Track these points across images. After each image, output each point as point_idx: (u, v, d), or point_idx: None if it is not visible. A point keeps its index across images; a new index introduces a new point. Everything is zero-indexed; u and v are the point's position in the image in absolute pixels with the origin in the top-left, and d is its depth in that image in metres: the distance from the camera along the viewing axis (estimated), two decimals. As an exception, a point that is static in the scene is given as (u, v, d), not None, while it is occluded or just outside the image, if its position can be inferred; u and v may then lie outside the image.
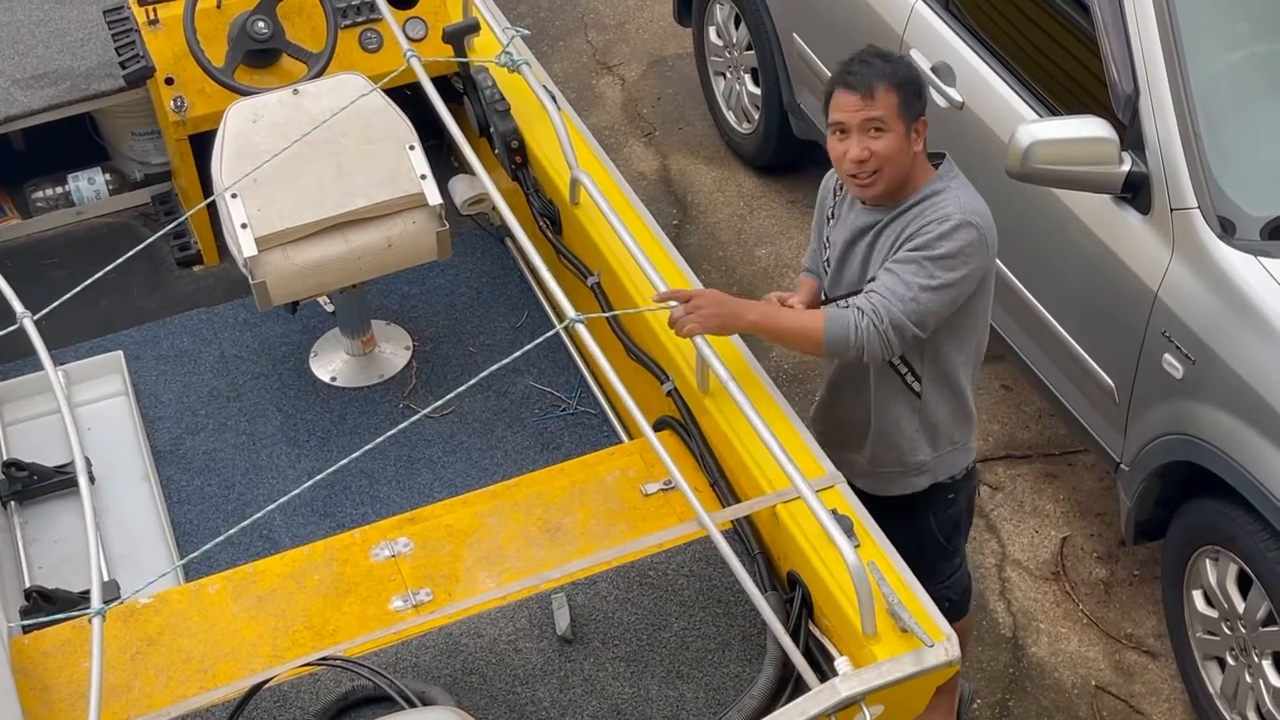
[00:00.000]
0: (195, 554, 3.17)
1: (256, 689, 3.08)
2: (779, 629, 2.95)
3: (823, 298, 3.53)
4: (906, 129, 3.25)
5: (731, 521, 3.37)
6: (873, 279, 3.31)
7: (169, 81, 4.71)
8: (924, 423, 3.47)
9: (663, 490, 3.59)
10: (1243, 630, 3.87)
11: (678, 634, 3.25)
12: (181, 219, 4.84)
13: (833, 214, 3.49)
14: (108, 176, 5.29)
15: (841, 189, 3.47)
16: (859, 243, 3.38)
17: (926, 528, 3.60)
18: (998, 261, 4.45)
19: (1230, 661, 3.96)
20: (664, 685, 3.17)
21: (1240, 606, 3.86)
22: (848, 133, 3.26)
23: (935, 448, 3.51)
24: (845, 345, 3.25)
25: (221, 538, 3.08)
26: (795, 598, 3.17)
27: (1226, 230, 3.76)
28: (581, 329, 3.25)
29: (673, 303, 3.35)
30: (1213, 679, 4.06)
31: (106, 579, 3.78)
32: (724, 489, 3.48)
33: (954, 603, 3.72)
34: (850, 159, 3.26)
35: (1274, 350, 3.60)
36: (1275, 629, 3.73)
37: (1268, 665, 3.80)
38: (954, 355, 3.41)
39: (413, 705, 2.97)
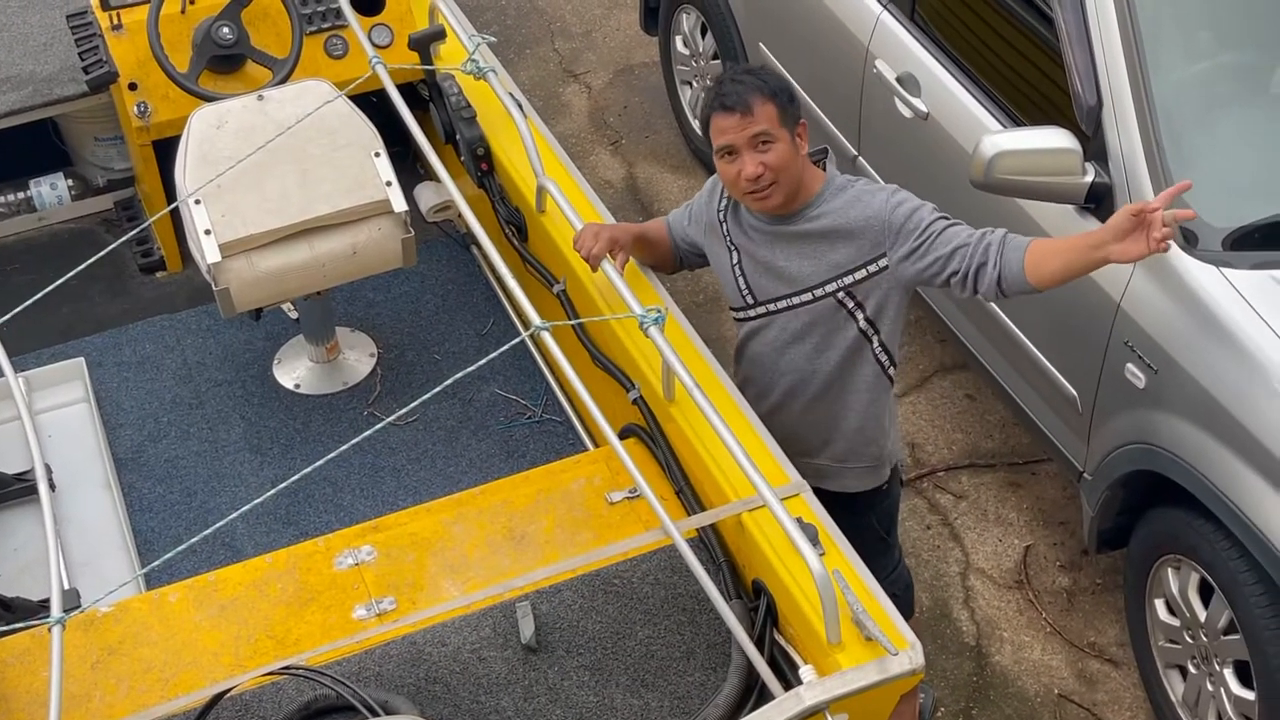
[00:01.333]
0: (157, 562, 3.15)
1: (218, 698, 3.05)
2: (743, 637, 2.95)
3: (749, 305, 3.57)
4: (791, 135, 3.34)
5: (697, 530, 3.37)
6: (819, 285, 3.39)
7: (132, 87, 4.69)
8: (890, 410, 3.61)
9: (628, 498, 3.58)
10: (1204, 639, 3.89)
11: (642, 642, 3.25)
12: (144, 225, 4.82)
13: (723, 218, 3.56)
14: (70, 182, 5.26)
15: (724, 213, 3.55)
16: (773, 251, 3.45)
17: (867, 525, 3.65)
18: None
19: (1192, 670, 3.99)
20: (628, 694, 3.16)
21: (1202, 615, 3.88)
22: (736, 153, 3.34)
23: (890, 436, 3.65)
24: (1020, 272, 3.32)
25: (183, 546, 3.05)
26: (760, 606, 3.17)
27: (1189, 241, 3.79)
28: (547, 337, 3.25)
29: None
30: (1175, 687, 4.08)
31: (67, 587, 3.73)
32: (689, 497, 3.47)
33: (898, 598, 3.73)
34: (745, 177, 3.34)
35: (1235, 360, 3.62)
36: (1236, 637, 3.75)
37: (1229, 673, 3.83)
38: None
39: (376, 714, 2.95)
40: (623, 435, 3.63)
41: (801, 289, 3.44)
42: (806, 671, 2.94)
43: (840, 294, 3.42)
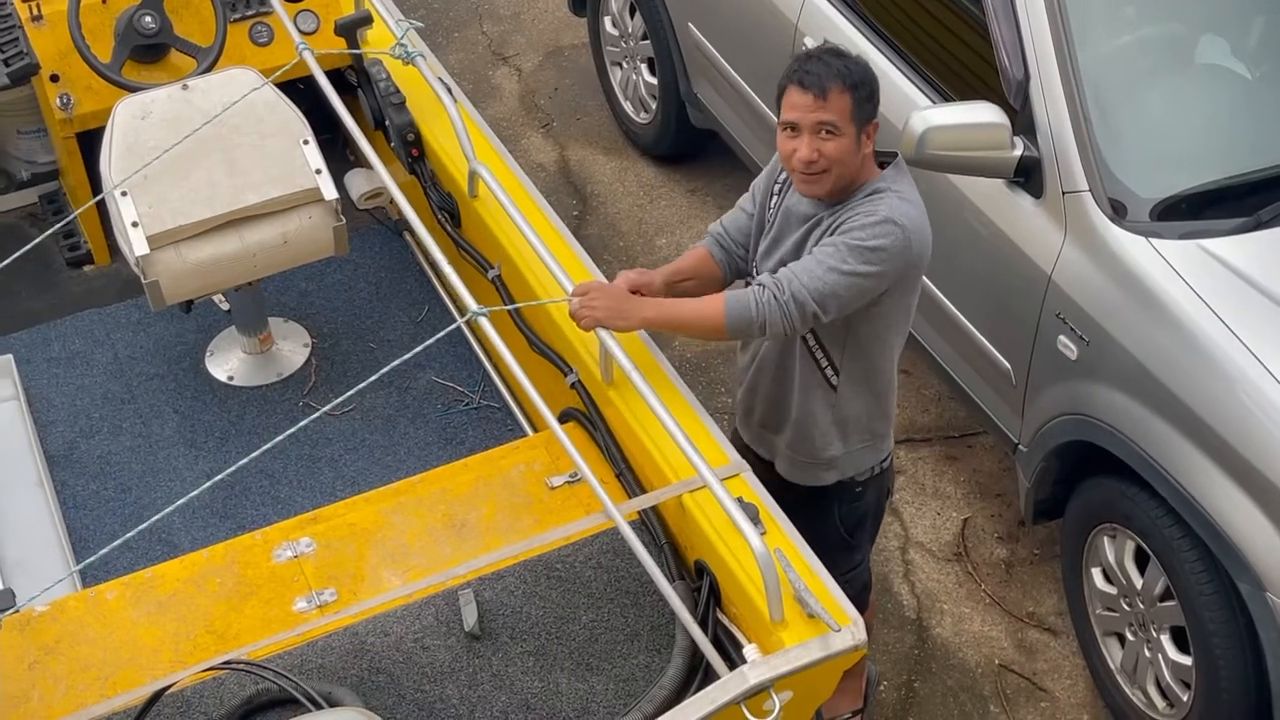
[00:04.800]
0: (92, 559, 3.11)
1: (158, 695, 3.03)
2: (687, 618, 2.96)
3: (754, 271, 3.52)
4: (858, 132, 3.23)
5: (638, 512, 3.37)
6: None
7: (54, 78, 4.62)
8: (836, 417, 3.48)
9: (568, 483, 3.58)
10: (1141, 606, 3.94)
11: (586, 626, 3.25)
12: (70, 218, 4.75)
13: (780, 191, 3.46)
14: (-8, 176, 5.18)
15: (780, 185, 3.46)
16: (796, 229, 3.38)
17: (830, 520, 3.62)
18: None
19: (1130, 637, 4.04)
20: (573, 678, 3.16)
21: (1138, 583, 3.93)
22: (798, 132, 3.23)
23: (846, 444, 3.52)
24: (748, 321, 3.23)
25: (118, 542, 3.02)
26: (703, 586, 3.17)
27: (1117, 212, 3.82)
28: (484, 322, 3.23)
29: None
30: (1113, 655, 4.13)
31: (1, 588, 3.70)
32: (630, 480, 3.47)
33: (854, 597, 3.73)
34: (799, 159, 3.23)
35: (1165, 330, 3.66)
36: (1172, 604, 3.80)
37: (1166, 639, 3.88)
38: (877, 356, 3.43)
39: (319, 707, 2.94)
40: (562, 420, 3.62)
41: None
42: (750, 650, 2.95)
43: None
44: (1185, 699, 3.84)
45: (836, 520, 3.64)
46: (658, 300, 3.38)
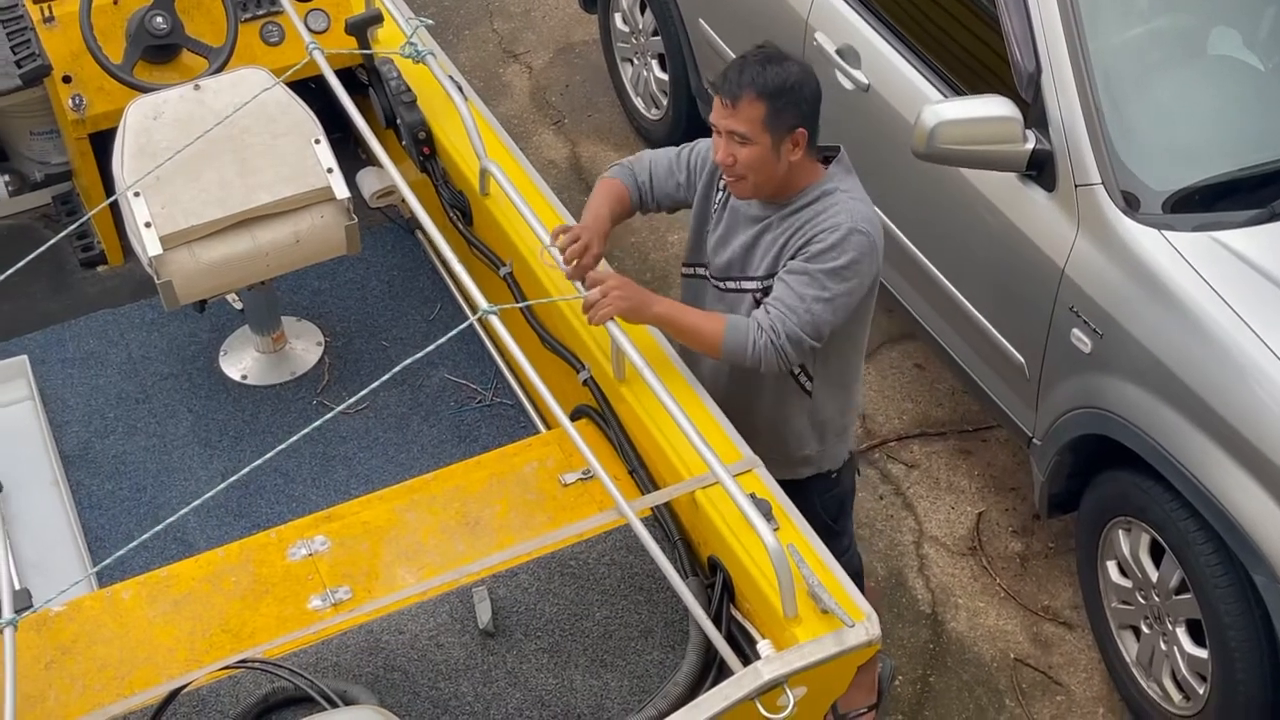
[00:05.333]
0: (108, 560, 3.12)
1: (174, 694, 3.04)
2: (700, 614, 2.96)
3: (703, 268, 3.54)
4: (774, 141, 3.24)
5: (651, 509, 3.37)
6: (765, 278, 3.36)
7: (66, 79, 4.63)
8: (813, 420, 3.56)
9: (581, 480, 3.58)
10: (1156, 599, 3.93)
11: (600, 623, 3.25)
12: (84, 219, 4.76)
13: (723, 186, 3.48)
14: (6, 178, 5.19)
15: (724, 182, 3.49)
16: (743, 232, 3.42)
17: (812, 511, 3.63)
18: (907, 241, 4.52)
19: (1145, 630, 4.03)
20: (587, 675, 3.16)
21: (1154, 575, 3.92)
22: (719, 134, 3.30)
23: (822, 442, 3.61)
24: (742, 356, 3.30)
25: (135, 543, 3.03)
26: (716, 583, 3.17)
27: (1130, 205, 3.81)
28: (495, 320, 3.24)
29: (579, 286, 3.37)
30: (1128, 648, 4.13)
31: (17, 588, 3.70)
32: (643, 476, 3.47)
33: None
34: (716, 160, 3.32)
35: (1179, 322, 3.65)
36: (1188, 597, 3.79)
37: (1181, 632, 3.87)
38: (848, 354, 3.50)
39: (334, 705, 2.95)
40: (574, 417, 3.63)
41: (750, 275, 3.43)
42: (764, 646, 2.95)
43: (760, 294, 3.40)
44: (1201, 692, 3.83)
45: (819, 510, 3.69)
46: (670, 301, 3.41)
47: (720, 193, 3.49)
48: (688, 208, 3.61)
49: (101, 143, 4.53)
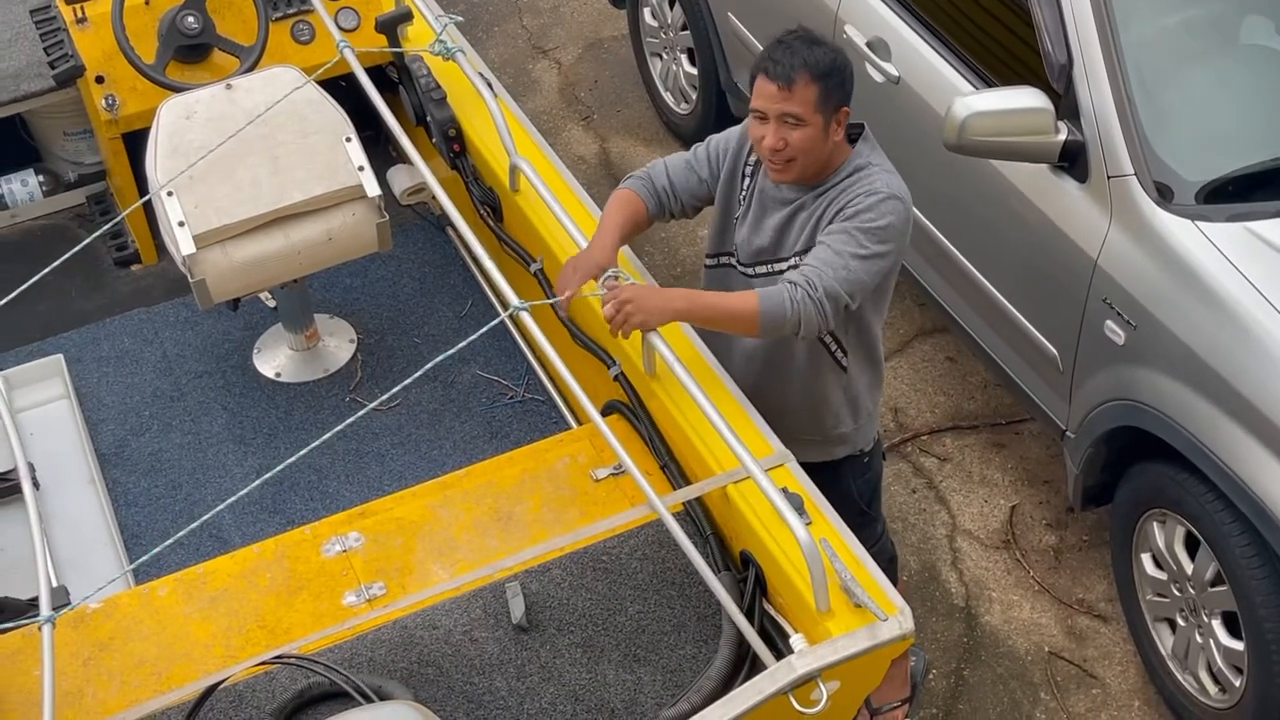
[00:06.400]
0: (145, 557, 3.14)
1: (211, 690, 3.05)
2: (733, 609, 2.96)
3: (733, 255, 3.53)
4: (825, 122, 3.25)
5: (683, 504, 3.38)
6: (801, 253, 3.34)
7: (99, 80, 4.66)
8: (848, 395, 3.56)
9: (613, 475, 3.58)
10: (1192, 591, 3.91)
11: (633, 618, 3.25)
12: (118, 219, 4.79)
13: (750, 173, 3.48)
14: (41, 178, 5.23)
15: (750, 167, 3.49)
16: (775, 214, 3.41)
17: (848, 496, 3.65)
18: (939, 234, 4.51)
19: (1180, 622, 4.01)
20: (620, 669, 3.17)
21: (1189, 568, 3.90)
22: (766, 120, 3.27)
23: (856, 419, 3.61)
24: (781, 320, 3.23)
25: (171, 540, 3.05)
26: (749, 577, 3.18)
27: (1163, 196, 3.79)
28: (526, 316, 3.24)
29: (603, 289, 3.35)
30: (1164, 640, 4.11)
31: (55, 585, 3.72)
32: (674, 471, 3.48)
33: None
34: (766, 146, 3.28)
35: (1212, 313, 3.63)
36: (1223, 589, 3.77)
37: (1217, 625, 3.85)
38: (874, 326, 3.50)
39: (369, 700, 2.96)
40: (605, 412, 3.63)
41: (784, 256, 3.42)
42: (797, 640, 2.95)
43: (793, 270, 3.38)
44: (1238, 684, 3.81)
45: (854, 495, 3.69)
46: (687, 291, 3.39)
47: (748, 179, 3.48)
48: (711, 204, 3.61)
49: (134, 142, 4.56)
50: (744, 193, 3.48)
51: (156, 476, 4.25)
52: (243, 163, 4.00)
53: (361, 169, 4.09)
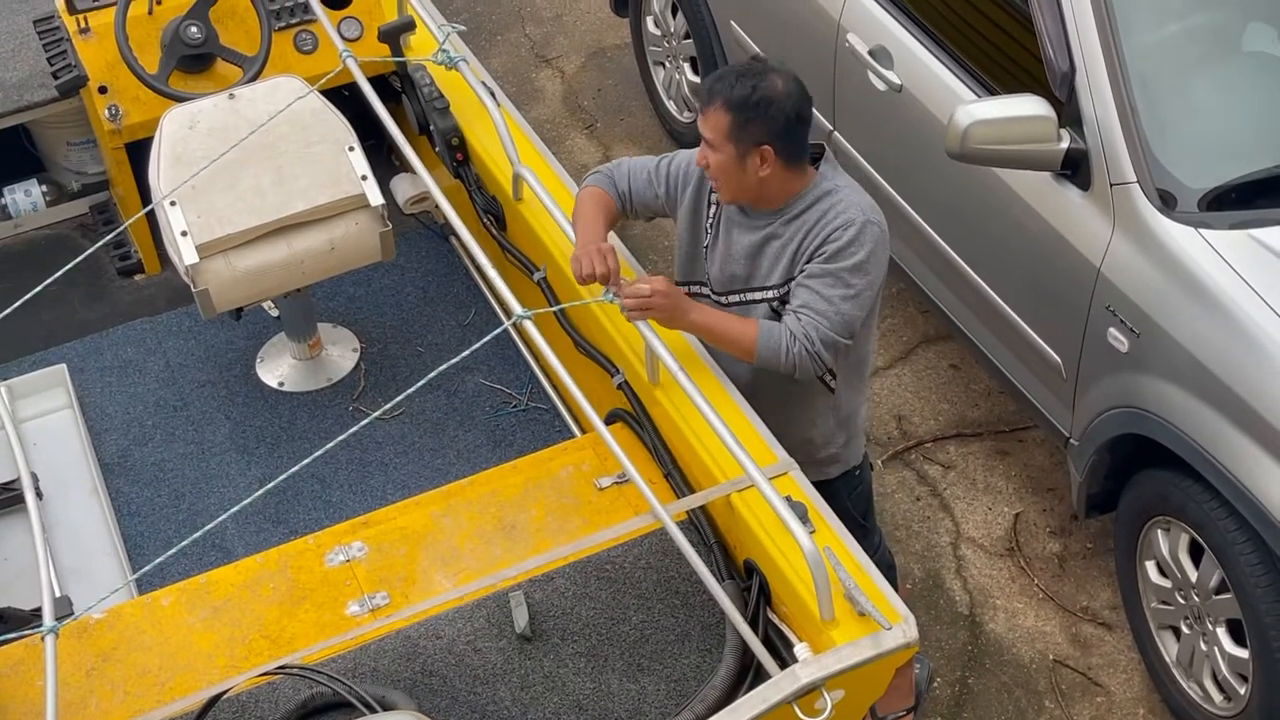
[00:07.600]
0: (148, 567, 3.14)
1: (214, 700, 3.05)
2: (737, 618, 2.96)
3: (706, 284, 3.54)
4: (739, 153, 3.26)
5: (687, 512, 3.37)
6: (780, 286, 3.36)
7: (103, 90, 4.66)
8: (838, 417, 3.59)
9: (616, 484, 3.58)
10: (1196, 599, 3.91)
11: (637, 627, 3.25)
12: (121, 228, 4.79)
13: (715, 201, 3.49)
14: (44, 188, 5.23)
15: (715, 194, 3.50)
16: (745, 239, 3.43)
17: (845, 512, 3.63)
18: (942, 242, 4.51)
19: (1185, 630, 4.00)
20: (625, 679, 3.16)
21: (1193, 575, 3.89)
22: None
23: (847, 436, 3.64)
24: (776, 363, 3.32)
25: (174, 549, 3.05)
26: (752, 586, 3.17)
27: (1166, 203, 3.79)
28: (530, 325, 3.24)
29: (609, 294, 3.36)
30: (1168, 648, 4.10)
31: (58, 595, 3.74)
32: (678, 480, 3.47)
33: None
34: (696, 162, 3.38)
35: (1216, 320, 3.63)
36: (1228, 596, 3.76)
37: (1222, 632, 3.84)
38: (863, 346, 3.52)
39: (373, 710, 2.96)
40: (609, 421, 3.63)
41: (757, 286, 3.44)
42: (801, 649, 2.94)
43: (776, 302, 3.41)
44: (1243, 692, 3.81)
45: (849, 508, 3.71)
46: (707, 308, 3.42)
47: (713, 206, 3.51)
48: (664, 218, 3.64)
49: (138, 152, 4.56)
50: (710, 221, 3.51)
51: (159, 486, 4.25)
52: (246, 172, 4.00)
53: (364, 178, 4.09)
